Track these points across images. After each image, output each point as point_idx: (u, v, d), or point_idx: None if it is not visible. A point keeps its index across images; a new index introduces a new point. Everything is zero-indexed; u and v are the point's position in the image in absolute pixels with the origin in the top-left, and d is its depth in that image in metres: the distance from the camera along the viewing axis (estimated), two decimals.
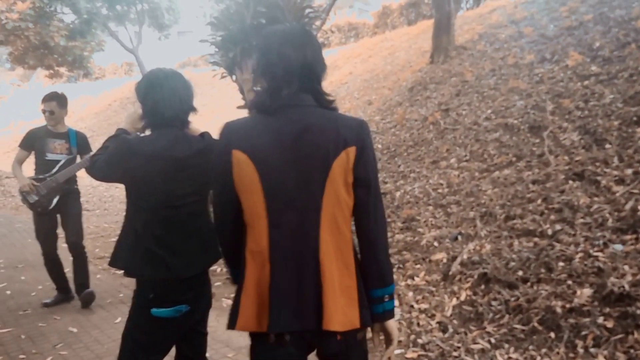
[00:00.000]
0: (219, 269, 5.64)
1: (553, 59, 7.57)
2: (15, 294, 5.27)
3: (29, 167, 4.65)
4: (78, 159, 4.79)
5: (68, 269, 4.91)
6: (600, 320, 3.22)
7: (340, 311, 1.64)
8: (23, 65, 17.07)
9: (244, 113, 6.78)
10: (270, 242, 1.66)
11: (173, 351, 2.43)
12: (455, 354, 3.43)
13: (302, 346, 1.70)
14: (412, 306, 4.05)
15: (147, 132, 2.34)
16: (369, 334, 1.82)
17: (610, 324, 3.18)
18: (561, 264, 3.84)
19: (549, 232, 4.26)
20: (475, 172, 5.85)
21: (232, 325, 1.72)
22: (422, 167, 6.73)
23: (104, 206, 11.08)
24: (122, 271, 2.35)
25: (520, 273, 3.93)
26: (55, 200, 4.65)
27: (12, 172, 4.76)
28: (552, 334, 3.30)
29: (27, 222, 8.64)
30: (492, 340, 3.44)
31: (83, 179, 4.93)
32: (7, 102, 29.90)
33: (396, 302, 4.12)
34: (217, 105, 18.64)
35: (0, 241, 7.88)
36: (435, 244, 4.85)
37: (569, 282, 3.64)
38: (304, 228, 1.66)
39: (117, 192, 12.09)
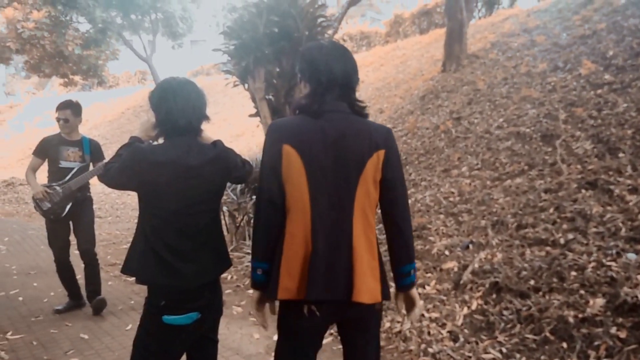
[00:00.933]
0: (229, 277, 5.66)
1: (566, 67, 7.54)
2: (28, 300, 5.31)
3: (42, 175, 4.69)
4: (91, 167, 4.83)
5: (80, 276, 4.94)
6: (613, 330, 3.19)
7: (367, 286, 1.95)
8: (38, 74, 17.29)
9: (256, 121, 6.82)
10: (312, 226, 1.94)
11: (184, 359, 2.43)
12: None
13: (327, 316, 2.01)
14: (422, 315, 4.03)
15: (160, 141, 2.35)
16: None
17: (623, 334, 3.14)
18: (574, 273, 3.81)
19: (562, 241, 4.23)
20: (487, 180, 5.83)
21: (274, 294, 1.97)
22: (434, 176, 6.72)
23: (116, 213, 11.15)
24: (133, 278, 2.35)
25: (532, 282, 3.90)
26: (68, 208, 4.68)
27: (26, 179, 4.80)
28: (565, 344, 3.27)
29: (40, 229, 8.72)
30: (504, 350, 3.41)
31: (95, 186, 4.97)
32: (22, 110, 30.25)
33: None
34: (230, 114, 18.73)
35: (14, 248, 7.95)
36: (447, 252, 4.83)
37: (582, 291, 3.61)
38: (340, 215, 1.96)
39: (129, 200, 12.17)
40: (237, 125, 17.12)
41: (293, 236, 1.96)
